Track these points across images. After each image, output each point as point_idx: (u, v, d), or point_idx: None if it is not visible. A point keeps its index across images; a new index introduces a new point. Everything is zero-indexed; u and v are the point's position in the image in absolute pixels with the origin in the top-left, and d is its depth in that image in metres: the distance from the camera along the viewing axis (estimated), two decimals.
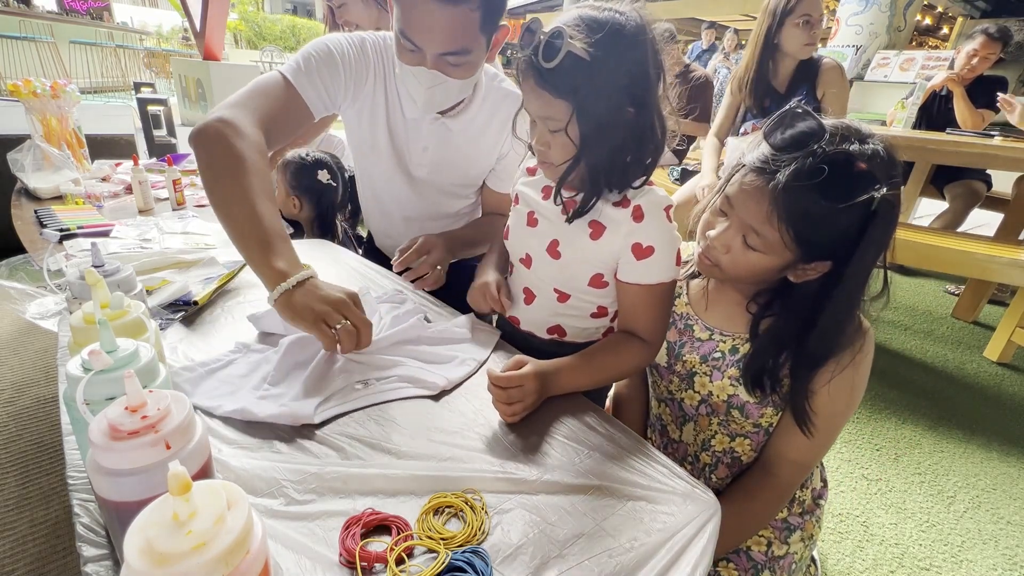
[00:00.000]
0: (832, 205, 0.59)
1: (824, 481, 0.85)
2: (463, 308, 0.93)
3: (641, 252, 0.74)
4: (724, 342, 0.77)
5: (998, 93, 2.27)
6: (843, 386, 0.69)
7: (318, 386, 0.68)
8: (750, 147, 0.67)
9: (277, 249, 0.73)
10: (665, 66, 0.70)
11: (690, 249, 0.89)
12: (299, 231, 1.61)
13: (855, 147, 0.60)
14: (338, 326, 0.68)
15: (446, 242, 1.01)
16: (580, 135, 0.69)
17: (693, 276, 0.85)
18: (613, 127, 0.68)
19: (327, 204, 1.54)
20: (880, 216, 0.60)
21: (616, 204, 0.75)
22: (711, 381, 0.77)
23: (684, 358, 0.80)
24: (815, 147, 0.60)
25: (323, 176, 1.52)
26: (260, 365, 0.72)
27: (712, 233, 0.70)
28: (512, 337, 0.88)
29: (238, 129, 0.78)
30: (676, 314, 0.84)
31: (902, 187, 0.62)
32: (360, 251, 1.48)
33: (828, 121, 0.63)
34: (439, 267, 0.97)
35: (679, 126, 0.75)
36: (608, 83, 0.66)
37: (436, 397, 0.70)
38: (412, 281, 0.98)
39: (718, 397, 0.77)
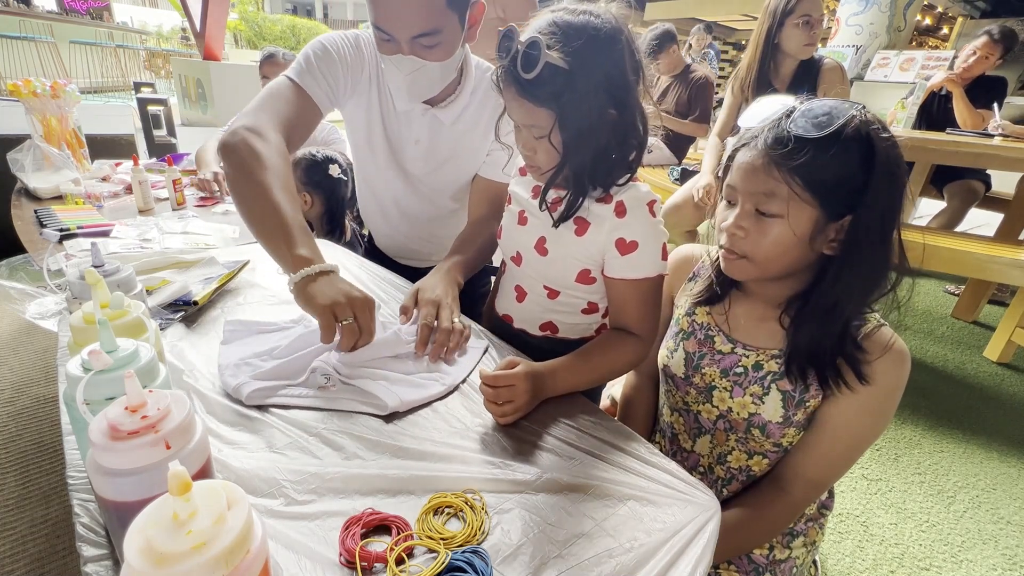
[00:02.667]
0: (821, 140, 0.59)
1: (830, 492, 0.82)
2: (471, 314, 0.93)
3: (625, 247, 0.75)
4: (748, 356, 0.73)
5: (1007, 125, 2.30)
6: (868, 410, 0.67)
7: (282, 370, 0.69)
8: (735, 141, 0.68)
9: (299, 239, 0.76)
10: (643, 62, 0.71)
11: (686, 252, 0.89)
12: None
13: (831, 100, 0.63)
14: (345, 321, 0.69)
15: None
16: (564, 140, 0.70)
17: (709, 301, 0.79)
18: (596, 130, 0.69)
19: (338, 199, 1.54)
20: (879, 156, 0.59)
21: (599, 200, 0.76)
22: (731, 397, 0.74)
23: (703, 371, 0.77)
24: (789, 109, 0.64)
25: (334, 171, 1.53)
26: (282, 340, 0.75)
27: (726, 224, 0.68)
28: (505, 335, 0.88)
29: (261, 133, 0.84)
30: (697, 324, 0.80)
31: (894, 136, 0.61)
32: (361, 251, 1.48)
33: None
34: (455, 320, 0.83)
35: (661, 120, 0.75)
36: (588, 88, 0.66)
37: (439, 398, 0.70)
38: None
39: (738, 414, 0.74)
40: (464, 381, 0.73)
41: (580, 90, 0.66)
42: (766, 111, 0.66)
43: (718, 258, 0.74)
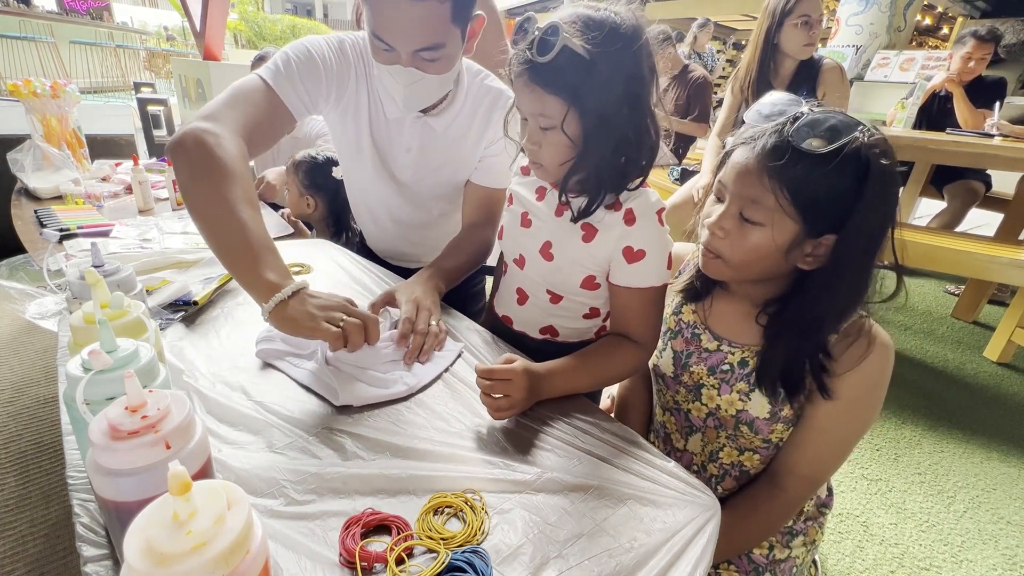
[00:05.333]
0: (818, 156, 0.58)
1: (830, 490, 0.83)
2: (464, 312, 0.93)
3: (632, 255, 0.74)
4: (733, 354, 0.74)
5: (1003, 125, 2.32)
6: (857, 399, 0.67)
7: (293, 339, 0.74)
8: (737, 135, 0.68)
9: (265, 260, 0.70)
10: (657, 68, 0.70)
11: (675, 251, 0.89)
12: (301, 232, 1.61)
13: (838, 114, 0.61)
14: (341, 323, 0.68)
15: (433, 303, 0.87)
16: (575, 133, 0.69)
17: (694, 298, 0.80)
18: (609, 127, 0.68)
19: (341, 201, 1.53)
20: (873, 180, 0.58)
21: (609, 207, 0.75)
22: (719, 394, 0.74)
23: (691, 369, 0.77)
24: (794, 112, 0.62)
25: (337, 172, 1.52)
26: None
27: (709, 220, 0.68)
28: (505, 337, 0.88)
29: (218, 137, 0.75)
30: (683, 323, 0.80)
31: (896, 161, 0.60)
32: (354, 250, 1.48)
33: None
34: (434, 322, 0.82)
35: (671, 125, 0.75)
36: (604, 82, 0.65)
37: (437, 398, 0.70)
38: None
39: (726, 411, 0.74)
40: (432, 383, 0.72)
41: (595, 81, 0.65)
42: (773, 109, 0.65)
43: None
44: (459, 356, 0.79)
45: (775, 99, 0.66)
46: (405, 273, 1.22)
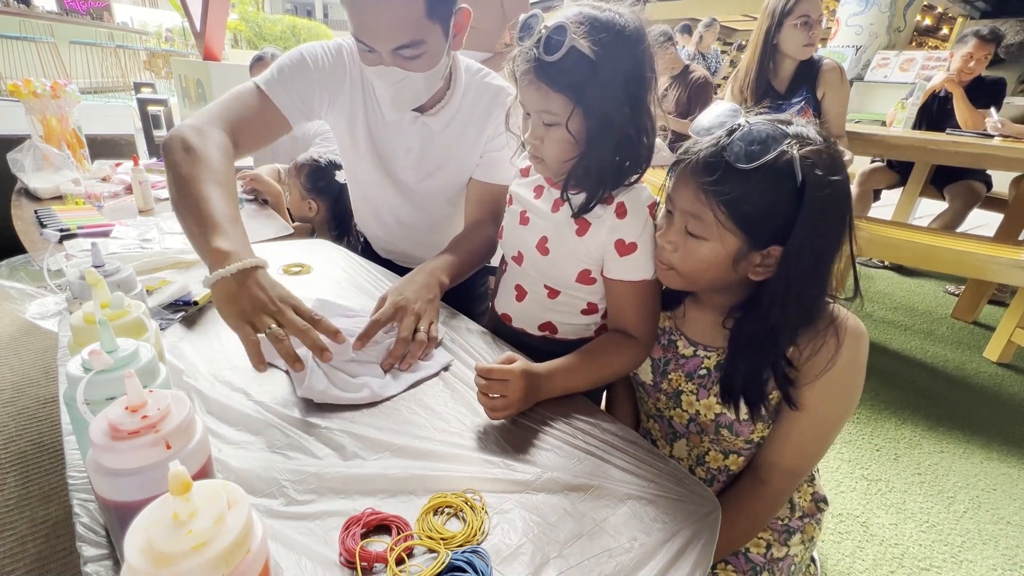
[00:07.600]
0: (748, 171, 0.58)
1: (821, 496, 0.82)
2: (466, 313, 0.93)
3: (624, 248, 0.75)
4: (709, 358, 0.74)
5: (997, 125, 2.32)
6: (832, 390, 0.66)
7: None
8: (679, 151, 0.68)
9: (223, 230, 0.68)
10: (657, 68, 0.71)
11: None
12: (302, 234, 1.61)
13: (770, 126, 0.61)
14: (267, 331, 0.62)
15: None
16: (579, 131, 0.70)
17: (669, 304, 0.80)
18: (611, 126, 0.69)
19: (344, 203, 1.52)
20: (810, 192, 0.58)
21: (601, 201, 0.76)
22: (697, 400, 0.74)
23: (669, 376, 0.77)
24: (731, 125, 0.63)
25: (341, 176, 1.50)
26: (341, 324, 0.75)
27: (659, 233, 0.71)
28: (504, 334, 0.89)
29: (198, 130, 0.81)
30: (660, 329, 0.80)
31: (838, 172, 0.59)
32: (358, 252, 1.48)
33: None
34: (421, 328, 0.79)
35: (669, 124, 0.76)
36: (608, 82, 0.67)
37: (437, 398, 0.70)
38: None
39: (705, 416, 0.74)
40: (399, 393, 0.69)
41: (600, 82, 0.66)
42: (714, 121, 0.65)
43: None
44: (446, 368, 0.76)
45: (717, 111, 0.66)
46: None
